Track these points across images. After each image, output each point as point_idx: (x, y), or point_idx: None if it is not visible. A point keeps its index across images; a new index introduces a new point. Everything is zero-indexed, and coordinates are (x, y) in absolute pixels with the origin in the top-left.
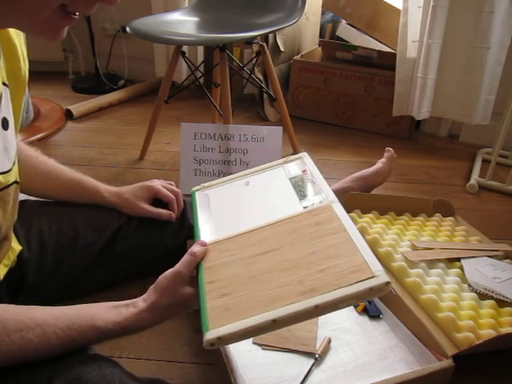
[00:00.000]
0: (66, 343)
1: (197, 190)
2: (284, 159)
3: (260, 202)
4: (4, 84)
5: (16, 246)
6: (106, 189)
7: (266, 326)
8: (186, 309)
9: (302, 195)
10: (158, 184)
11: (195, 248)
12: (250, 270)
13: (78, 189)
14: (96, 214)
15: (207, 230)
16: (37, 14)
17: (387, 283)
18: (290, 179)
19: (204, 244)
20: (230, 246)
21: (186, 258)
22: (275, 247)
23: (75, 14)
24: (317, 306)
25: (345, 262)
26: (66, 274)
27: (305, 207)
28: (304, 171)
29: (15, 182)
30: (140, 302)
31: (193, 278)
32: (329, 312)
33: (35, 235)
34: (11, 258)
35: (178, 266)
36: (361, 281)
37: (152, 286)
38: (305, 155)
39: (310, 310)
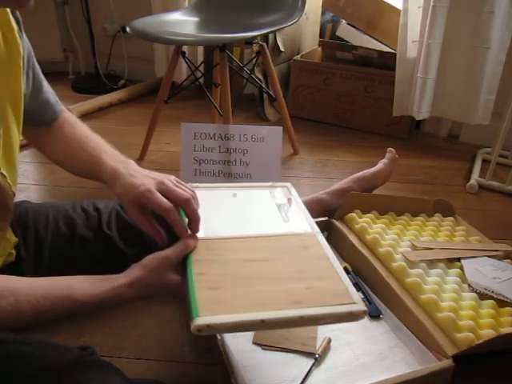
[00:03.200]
0: (39, 313)
1: None
2: (270, 183)
3: (246, 214)
4: None
5: (11, 237)
6: (109, 166)
7: (254, 324)
8: (166, 293)
9: (286, 219)
10: (154, 191)
11: (190, 239)
12: (239, 271)
13: (90, 165)
14: (92, 214)
15: None
16: None
17: (364, 311)
18: (276, 202)
19: (197, 239)
20: (217, 246)
21: (178, 245)
22: (263, 258)
23: None
24: (302, 317)
25: (329, 285)
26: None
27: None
28: (289, 199)
29: None
30: (120, 277)
31: (179, 265)
32: (309, 325)
33: (31, 236)
34: (7, 249)
35: (168, 250)
36: (343, 304)
37: (137, 264)
38: (289, 185)
39: (295, 319)
